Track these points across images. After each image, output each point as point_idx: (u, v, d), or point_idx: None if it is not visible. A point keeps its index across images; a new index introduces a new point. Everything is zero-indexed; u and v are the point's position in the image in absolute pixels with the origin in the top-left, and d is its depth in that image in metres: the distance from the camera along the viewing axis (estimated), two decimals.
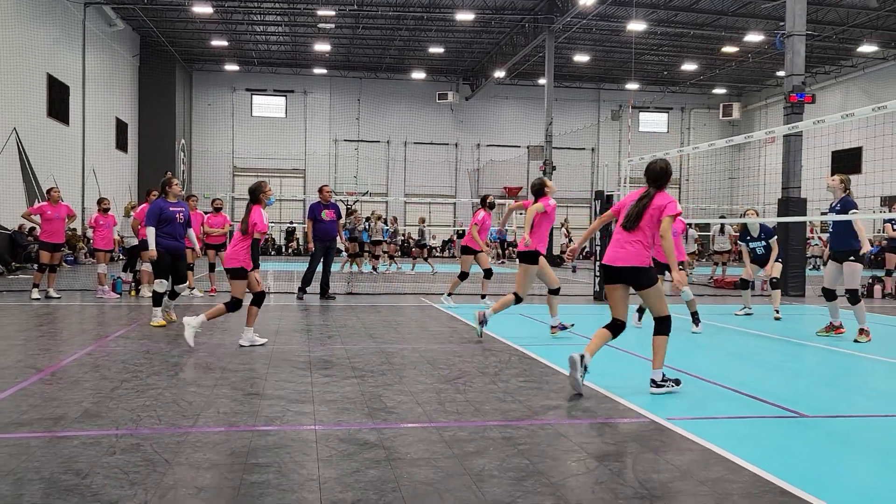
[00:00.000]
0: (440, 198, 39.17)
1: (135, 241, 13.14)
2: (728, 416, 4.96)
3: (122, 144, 31.58)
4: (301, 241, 36.31)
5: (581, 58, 35.71)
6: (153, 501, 3.20)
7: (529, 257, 8.36)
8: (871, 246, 13.38)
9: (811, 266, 28.64)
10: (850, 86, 35.87)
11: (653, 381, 5.54)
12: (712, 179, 38.81)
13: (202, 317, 7.42)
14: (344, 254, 21.35)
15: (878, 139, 25.47)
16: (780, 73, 16.30)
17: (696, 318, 9.32)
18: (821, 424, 4.79)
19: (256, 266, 7.63)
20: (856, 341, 8.35)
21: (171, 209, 9.01)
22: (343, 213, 16.46)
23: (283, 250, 36.64)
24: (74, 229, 23.71)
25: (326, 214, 12.45)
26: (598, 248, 13.91)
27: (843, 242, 8.51)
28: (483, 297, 12.17)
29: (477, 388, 5.66)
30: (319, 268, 12.61)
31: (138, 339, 7.89)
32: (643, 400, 5.29)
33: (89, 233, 20.09)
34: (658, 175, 5.81)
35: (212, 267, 13.64)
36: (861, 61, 34.49)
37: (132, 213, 13.49)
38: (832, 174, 9.15)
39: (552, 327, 8.69)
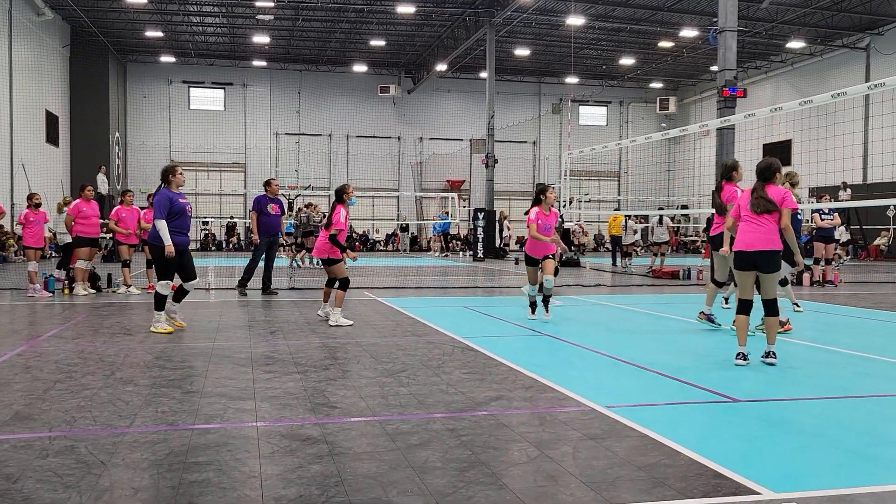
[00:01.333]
0: (383, 191, 39.02)
1: (69, 238, 12.76)
2: (665, 403, 5.10)
3: (52, 138, 30.47)
4: (242, 236, 35.70)
5: (522, 52, 36.00)
6: None
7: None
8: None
9: None
10: (780, 80, 37.09)
11: (770, 353, 6.37)
12: (650, 172, 39.64)
13: (336, 309, 8.70)
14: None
15: (806, 132, 26.46)
16: (714, 68, 16.80)
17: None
18: (751, 408, 4.96)
19: (344, 252, 8.90)
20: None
21: (180, 201, 8.18)
22: (286, 207, 16.26)
23: (224, 245, 35.97)
24: (2, 226, 22.81)
25: (272, 208, 12.29)
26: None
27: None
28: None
29: (420, 380, 5.69)
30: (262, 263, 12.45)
31: (72, 338, 7.66)
32: (583, 389, 5.39)
33: (19, 230, 19.37)
34: (762, 169, 6.49)
35: (149, 263, 13.27)
36: (790, 57, 35.68)
37: (65, 210, 13.08)
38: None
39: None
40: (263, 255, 12.45)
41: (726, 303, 10.70)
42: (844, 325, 9.68)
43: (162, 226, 7.94)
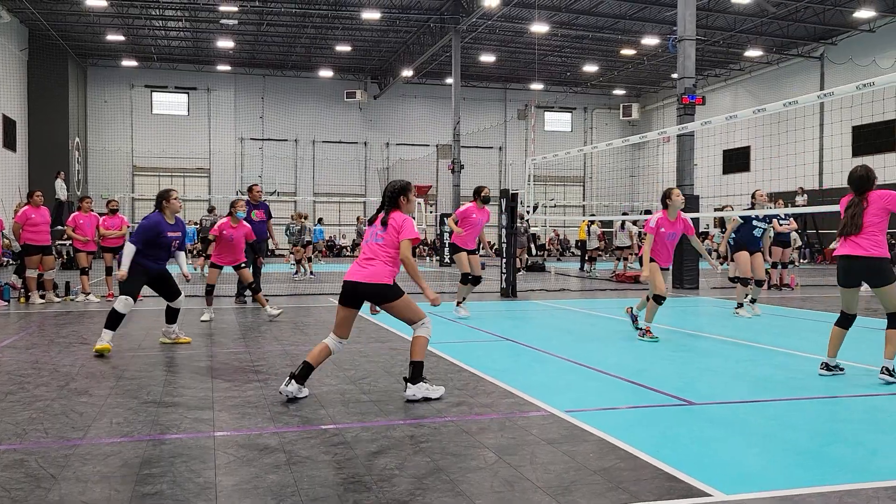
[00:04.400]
0: (350, 197, 38.89)
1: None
2: (624, 407, 5.17)
3: (9, 143, 29.80)
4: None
5: (487, 58, 36.20)
6: None
7: None
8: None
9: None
10: (739, 88, 37.82)
11: (886, 370, 5.90)
12: (614, 177, 40.11)
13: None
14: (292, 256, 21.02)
15: (765, 139, 27.00)
16: (675, 76, 17.07)
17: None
18: (706, 411, 5.05)
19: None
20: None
21: (168, 234, 7.37)
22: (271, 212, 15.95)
23: (188, 253, 35.46)
24: None
25: (256, 214, 12.16)
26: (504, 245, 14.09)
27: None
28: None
29: (382, 387, 5.68)
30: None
31: (26, 348, 7.50)
32: (544, 394, 5.43)
33: None
34: (854, 180, 6.21)
35: (108, 270, 13.06)
36: (748, 65, 36.41)
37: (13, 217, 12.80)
38: (723, 171, 9.67)
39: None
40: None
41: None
42: (799, 327, 9.90)
43: (129, 251, 7.13)
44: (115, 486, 3.45)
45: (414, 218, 5.54)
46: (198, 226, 21.77)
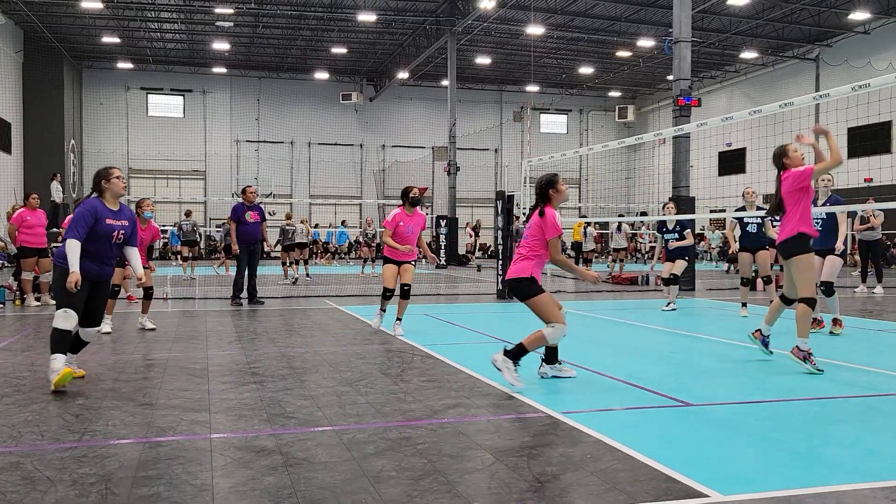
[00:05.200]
0: (346, 199, 38.88)
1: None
2: (620, 408, 5.17)
3: (5, 145, 29.74)
4: (203, 246, 35.18)
5: (483, 60, 36.24)
6: None
7: None
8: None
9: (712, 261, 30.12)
10: (734, 90, 37.92)
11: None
12: (610, 179, 40.17)
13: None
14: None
15: (761, 140, 27.05)
16: (670, 77, 17.13)
17: None
18: (703, 412, 5.05)
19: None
20: (832, 333, 8.71)
21: (108, 222, 5.81)
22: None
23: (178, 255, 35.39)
24: None
25: (250, 216, 12.13)
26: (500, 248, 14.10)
27: (828, 238, 8.72)
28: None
29: (378, 389, 5.68)
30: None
31: (22, 350, 7.48)
32: (540, 395, 5.43)
33: None
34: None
35: None
36: (743, 67, 36.52)
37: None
38: (719, 173, 9.68)
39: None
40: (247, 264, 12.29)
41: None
42: (794, 329, 9.88)
43: (72, 247, 5.58)
44: (111, 489, 3.44)
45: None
46: (179, 230, 21.84)
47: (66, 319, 5.64)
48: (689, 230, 11.55)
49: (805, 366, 6.21)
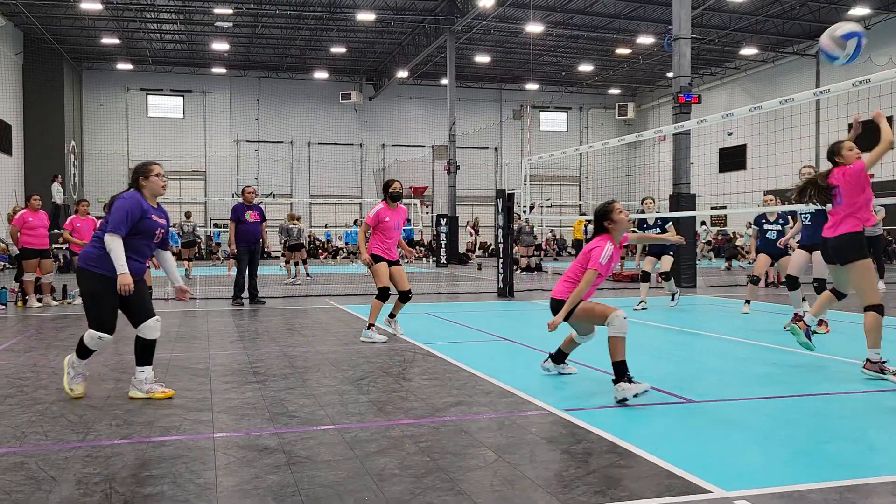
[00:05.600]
0: (346, 198, 38.89)
1: None
2: (621, 405, 5.17)
3: (5, 147, 29.75)
4: (203, 247, 35.21)
5: (482, 58, 36.23)
6: None
7: None
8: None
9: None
10: (734, 86, 37.89)
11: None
12: (610, 177, 40.13)
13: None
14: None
15: (762, 136, 27.06)
16: (670, 74, 17.14)
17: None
18: (706, 409, 5.06)
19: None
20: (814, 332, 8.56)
21: (154, 218, 5.45)
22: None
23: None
24: None
25: (250, 216, 12.16)
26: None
27: (819, 232, 8.64)
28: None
29: (380, 388, 5.68)
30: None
31: (24, 351, 7.49)
32: (542, 393, 5.44)
33: None
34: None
35: None
36: (743, 63, 36.47)
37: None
38: (720, 170, 9.68)
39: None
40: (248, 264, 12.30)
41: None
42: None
43: (118, 246, 5.13)
44: (115, 488, 3.45)
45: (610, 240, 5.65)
46: (180, 231, 21.84)
47: (98, 342, 5.30)
48: (670, 223, 11.62)
49: (886, 377, 5.78)
